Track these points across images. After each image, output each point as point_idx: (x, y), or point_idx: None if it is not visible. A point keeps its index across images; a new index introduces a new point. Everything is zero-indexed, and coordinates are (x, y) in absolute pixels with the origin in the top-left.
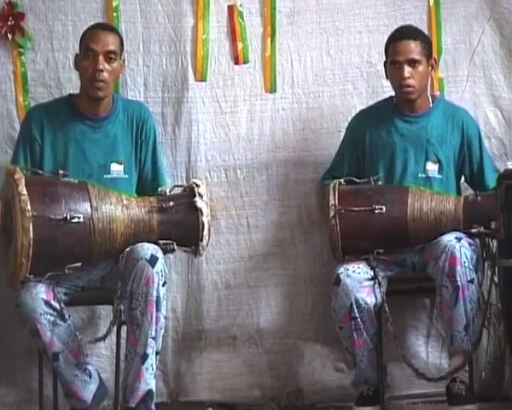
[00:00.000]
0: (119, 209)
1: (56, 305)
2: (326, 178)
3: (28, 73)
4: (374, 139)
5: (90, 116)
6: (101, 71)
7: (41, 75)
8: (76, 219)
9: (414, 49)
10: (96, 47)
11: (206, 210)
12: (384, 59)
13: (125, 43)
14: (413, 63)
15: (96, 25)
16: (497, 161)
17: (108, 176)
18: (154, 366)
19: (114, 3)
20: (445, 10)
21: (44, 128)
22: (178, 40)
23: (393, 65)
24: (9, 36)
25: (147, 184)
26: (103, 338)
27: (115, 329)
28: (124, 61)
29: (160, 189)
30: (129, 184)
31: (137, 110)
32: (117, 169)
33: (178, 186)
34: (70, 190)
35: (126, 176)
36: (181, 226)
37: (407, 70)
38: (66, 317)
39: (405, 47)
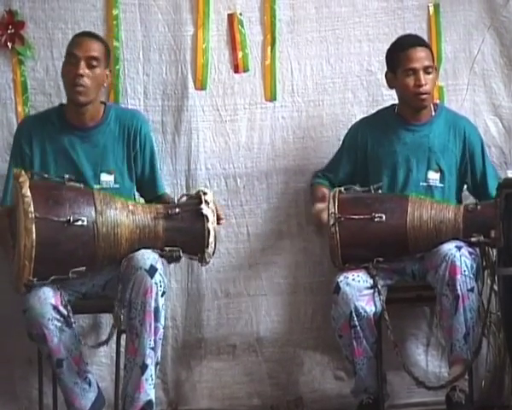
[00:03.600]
0: (124, 214)
1: (64, 310)
2: (319, 177)
3: (28, 82)
4: (376, 148)
5: (78, 126)
6: (82, 76)
7: (41, 83)
8: (80, 222)
9: (427, 56)
10: (77, 52)
11: (211, 217)
12: (385, 67)
13: (124, 52)
14: (427, 70)
15: (81, 33)
16: (496, 169)
17: (98, 186)
18: (154, 377)
19: (114, 12)
20: (445, 19)
21: (33, 141)
22: (178, 49)
23: (408, 73)
24: (9, 44)
25: (146, 192)
26: (105, 342)
27: (115, 337)
28: (110, 71)
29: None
30: (120, 195)
31: (130, 119)
32: (107, 179)
33: (186, 195)
34: (75, 194)
35: (117, 186)
36: (187, 233)
37: (423, 77)
38: (72, 322)
39: (420, 54)
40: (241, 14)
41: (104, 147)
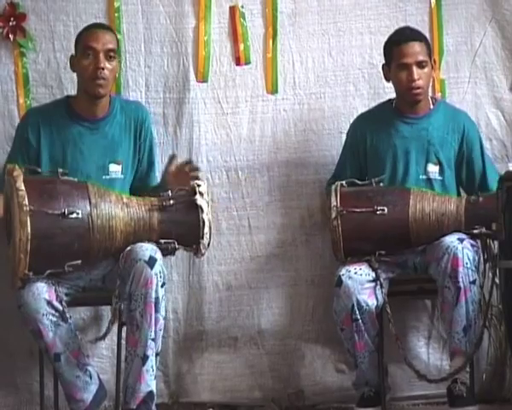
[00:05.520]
0: (118, 207)
1: (58, 305)
2: (330, 184)
3: (29, 74)
4: (375, 143)
5: (87, 117)
6: (103, 69)
7: (42, 76)
8: (74, 215)
9: (420, 50)
10: (96, 45)
11: (206, 208)
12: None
13: (126, 44)
14: (421, 64)
15: (93, 25)
16: (498, 162)
17: (107, 177)
18: (155, 368)
19: (116, 4)
20: (447, 12)
21: (41, 131)
22: (180, 41)
23: (401, 68)
24: (11, 36)
25: (140, 182)
26: (103, 337)
27: (116, 329)
28: (119, 61)
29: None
30: (125, 185)
31: (135, 111)
32: (115, 170)
33: (180, 188)
34: (69, 188)
35: (123, 176)
36: (181, 225)
37: (416, 72)
38: (68, 317)
39: (413, 49)
40: (242, 7)
41: (113, 138)
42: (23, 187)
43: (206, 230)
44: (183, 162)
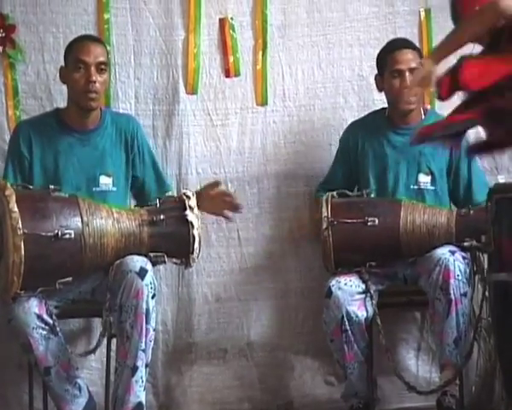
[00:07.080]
0: (109, 223)
1: (48, 319)
2: (319, 191)
3: (19, 85)
4: (366, 151)
5: (78, 129)
6: (94, 82)
7: (32, 87)
8: (67, 236)
9: (413, 58)
10: (87, 59)
11: (196, 223)
12: (375, 72)
13: (116, 56)
14: (413, 72)
15: (83, 36)
16: (487, 175)
17: (97, 189)
18: (144, 379)
19: (106, 16)
20: (436, 24)
21: (32, 143)
22: (169, 53)
23: (394, 75)
24: (0, 48)
25: (153, 195)
26: (93, 351)
27: (105, 341)
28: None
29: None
30: (117, 198)
31: (126, 123)
32: (106, 182)
33: (168, 197)
34: (61, 206)
35: (114, 189)
36: (171, 239)
37: (409, 79)
38: (58, 330)
39: (406, 56)
40: (232, 19)
41: (103, 150)
42: (16, 209)
43: (196, 245)
44: (222, 191)
